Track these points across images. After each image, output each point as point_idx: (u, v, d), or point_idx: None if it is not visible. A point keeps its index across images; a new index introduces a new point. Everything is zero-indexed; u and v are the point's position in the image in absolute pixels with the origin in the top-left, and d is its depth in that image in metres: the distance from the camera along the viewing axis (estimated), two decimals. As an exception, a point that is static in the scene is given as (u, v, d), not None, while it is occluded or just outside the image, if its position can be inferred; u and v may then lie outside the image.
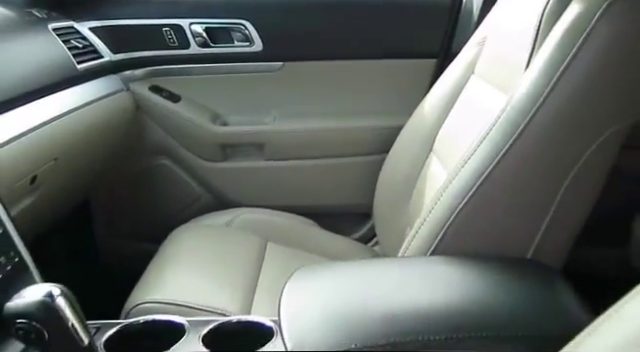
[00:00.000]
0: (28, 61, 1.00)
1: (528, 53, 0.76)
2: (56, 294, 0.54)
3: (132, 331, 0.70)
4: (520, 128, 0.68)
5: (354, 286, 0.63)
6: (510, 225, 0.71)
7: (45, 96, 0.99)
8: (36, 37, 1.06)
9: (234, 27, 1.32)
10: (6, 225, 0.70)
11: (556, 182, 0.69)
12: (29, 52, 1.02)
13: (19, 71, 0.95)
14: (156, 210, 1.40)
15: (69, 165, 1.04)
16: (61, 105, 1.03)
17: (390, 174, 1.20)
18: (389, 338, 0.53)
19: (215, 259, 1.07)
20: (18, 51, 0.99)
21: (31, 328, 0.53)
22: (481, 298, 0.58)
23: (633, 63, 0.65)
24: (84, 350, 0.55)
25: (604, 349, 0.40)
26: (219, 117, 1.38)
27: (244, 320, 0.73)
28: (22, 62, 0.98)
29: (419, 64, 1.30)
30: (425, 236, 0.73)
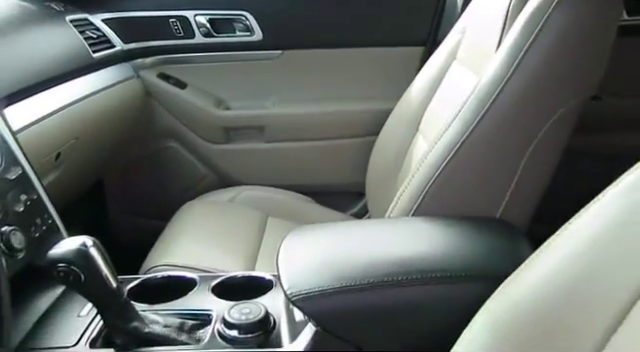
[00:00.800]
0: (49, 50, 1.09)
1: (497, 40, 0.86)
2: (89, 244, 0.64)
3: (151, 285, 0.80)
4: (487, 106, 0.77)
5: (341, 240, 0.73)
6: (479, 190, 0.80)
7: (65, 82, 1.08)
8: (55, 28, 1.16)
9: (236, 18, 1.40)
10: (40, 192, 0.80)
11: (519, 152, 0.78)
12: (50, 42, 1.11)
13: (42, 59, 1.04)
14: (165, 189, 1.49)
15: (88, 144, 1.13)
16: (79, 90, 1.12)
17: (380, 154, 1.28)
18: (368, 279, 0.62)
19: (220, 231, 1.17)
20: (40, 41, 1.08)
21: (70, 271, 0.62)
22: (446, 247, 0.68)
23: (583, 48, 0.74)
24: (113, 293, 0.65)
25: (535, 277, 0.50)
26: (222, 102, 1.46)
27: (247, 275, 0.83)
28: (44, 51, 1.07)
29: (408, 52, 1.39)
30: (406, 201, 0.82)
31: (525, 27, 0.76)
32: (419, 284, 0.62)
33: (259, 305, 0.69)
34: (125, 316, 0.66)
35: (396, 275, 0.62)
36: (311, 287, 0.63)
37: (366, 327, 0.63)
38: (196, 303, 0.74)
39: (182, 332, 0.69)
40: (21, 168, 0.78)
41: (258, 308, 0.68)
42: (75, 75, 1.12)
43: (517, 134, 0.78)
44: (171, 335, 0.68)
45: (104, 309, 0.66)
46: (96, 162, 1.31)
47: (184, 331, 0.69)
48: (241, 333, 0.66)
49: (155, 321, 0.69)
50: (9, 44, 0.98)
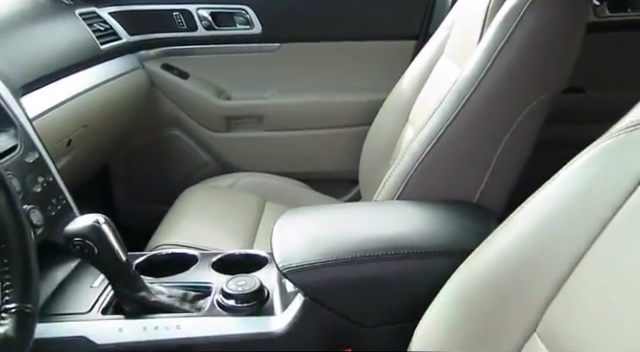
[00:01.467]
0: (60, 43, 1.14)
1: (478, 37, 0.91)
2: (102, 221, 0.70)
3: (156, 260, 0.87)
4: (465, 98, 0.83)
5: (329, 221, 0.80)
6: (458, 177, 0.87)
7: (75, 73, 1.14)
8: (65, 22, 1.21)
9: (236, 12, 1.46)
10: (55, 175, 0.87)
11: (495, 141, 0.84)
12: (61, 35, 1.17)
13: (53, 51, 1.10)
14: (168, 175, 1.55)
15: (96, 131, 1.20)
16: (88, 80, 1.18)
17: (372, 143, 1.34)
18: (352, 254, 0.69)
19: (220, 214, 1.23)
20: (52, 34, 1.14)
21: (85, 245, 0.69)
22: (422, 227, 0.74)
23: (552, 47, 0.80)
24: (122, 265, 0.72)
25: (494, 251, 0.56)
26: (223, 92, 1.52)
27: (244, 253, 0.90)
28: (56, 44, 1.13)
29: (400, 45, 1.44)
30: (391, 186, 0.89)
31: (500, 26, 0.82)
32: (397, 259, 0.69)
33: (254, 278, 0.76)
34: (133, 286, 0.73)
35: (377, 251, 0.69)
36: (301, 261, 0.69)
37: (350, 297, 0.70)
38: (197, 277, 0.81)
39: (185, 302, 0.76)
40: (38, 153, 0.84)
41: (253, 281, 0.75)
42: (84, 66, 1.18)
43: (493, 125, 0.84)
44: (175, 304, 0.75)
45: (114, 280, 0.73)
46: (103, 148, 1.37)
47: (186, 301, 0.76)
48: (238, 303, 0.73)
49: (160, 292, 0.76)
50: (23, 37, 1.03)
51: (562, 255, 0.49)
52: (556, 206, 0.51)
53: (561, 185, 0.52)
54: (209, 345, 0.71)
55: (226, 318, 0.72)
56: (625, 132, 0.49)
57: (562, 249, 0.49)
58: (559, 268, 0.49)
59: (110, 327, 0.71)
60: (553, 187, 0.53)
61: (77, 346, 0.70)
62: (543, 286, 0.50)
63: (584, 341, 0.44)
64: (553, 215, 0.51)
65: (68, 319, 0.72)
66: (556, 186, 0.53)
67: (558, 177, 0.53)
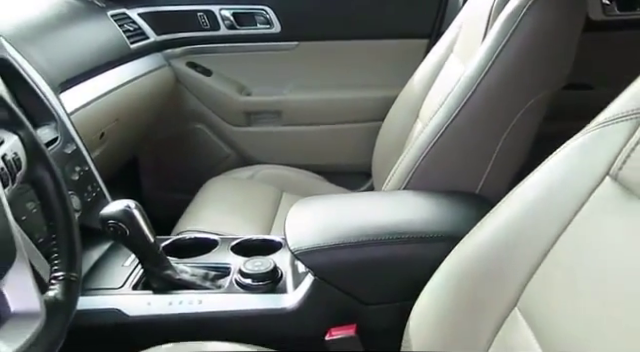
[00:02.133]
0: (94, 43, 1.22)
1: (482, 37, 0.96)
2: (133, 206, 0.78)
3: (180, 244, 0.94)
4: (468, 95, 0.88)
5: (338, 208, 0.86)
6: (461, 169, 0.92)
7: (107, 71, 1.22)
8: (99, 23, 1.29)
9: (257, 12, 1.52)
10: (90, 164, 0.95)
11: (496, 135, 0.89)
12: (94, 35, 1.25)
13: (88, 51, 1.18)
14: (192, 166, 1.63)
15: (126, 125, 1.28)
16: (119, 77, 1.26)
17: (384, 137, 1.39)
18: (358, 238, 0.75)
19: (240, 203, 1.30)
20: (86, 35, 1.22)
21: (118, 227, 0.76)
22: (424, 214, 0.80)
23: (550, 47, 0.84)
24: (151, 246, 0.79)
25: (482, 236, 0.61)
26: (244, 88, 1.59)
27: (261, 238, 0.96)
28: (90, 44, 1.21)
29: (413, 44, 1.48)
30: (398, 177, 0.94)
31: (502, 27, 0.86)
32: (399, 243, 0.75)
33: (269, 260, 0.83)
34: (160, 265, 0.81)
35: (381, 235, 0.75)
36: (311, 244, 0.76)
37: (355, 277, 0.76)
38: (217, 258, 0.88)
39: (206, 280, 0.83)
40: (75, 144, 0.92)
41: (268, 262, 0.82)
42: (115, 64, 1.26)
43: (494, 121, 0.89)
44: (197, 282, 0.82)
45: (144, 259, 0.80)
46: (132, 141, 1.45)
47: (208, 279, 0.83)
48: (254, 281, 0.80)
49: (184, 271, 0.83)
50: (61, 38, 1.12)
51: (539, 239, 0.54)
52: (536, 195, 0.57)
53: (542, 176, 0.57)
54: (227, 319, 0.78)
55: (243, 295, 0.79)
56: (600, 127, 0.53)
57: (539, 233, 0.54)
58: (536, 250, 0.54)
59: (140, 301, 0.79)
60: (535, 178, 0.58)
61: (111, 317, 0.77)
62: (523, 266, 0.55)
63: (556, 315, 0.49)
64: (533, 203, 0.56)
65: (103, 293, 0.80)
66: (538, 177, 0.58)
67: (541, 168, 0.58)
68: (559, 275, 0.51)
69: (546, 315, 0.51)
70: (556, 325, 0.49)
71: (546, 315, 0.51)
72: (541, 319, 0.51)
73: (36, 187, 0.57)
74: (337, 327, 0.74)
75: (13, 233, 0.48)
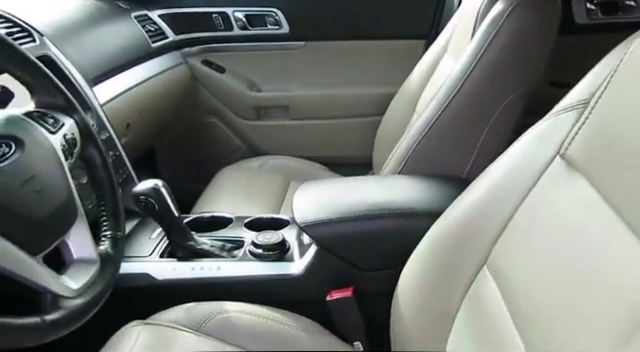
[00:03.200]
0: (121, 42, 1.34)
1: (470, 37, 1.06)
2: (160, 184, 0.89)
3: (200, 221, 1.05)
4: (456, 89, 0.98)
5: (339, 189, 0.97)
6: (449, 156, 1.02)
7: (132, 67, 1.33)
8: (124, 24, 1.41)
9: (267, 14, 1.63)
10: (120, 150, 1.06)
11: (481, 126, 0.99)
12: (120, 35, 1.36)
13: (115, 49, 1.29)
14: (205, 157, 1.73)
15: (148, 117, 1.39)
16: (142, 74, 1.37)
17: (384, 131, 1.50)
18: (355, 213, 0.86)
19: (251, 190, 1.40)
20: (113, 34, 1.33)
21: (148, 202, 0.87)
22: (414, 194, 0.90)
23: (527, 48, 0.94)
24: (176, 219, 0.90)
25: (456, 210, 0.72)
26: (255, 85, 1.70)
27: (271, 217, 1.07)
28: (117, 43, 1.32)
29: (411, 44, 1.59)
30: (394, 163, 1.05)
31: (486, 30, 0.96)
32: (391, 217, 0.85)
33: (279, 234, 0.94)
34: (184, 237, 0.92)
35: (376, 211, 0.86)
36: (315, 218, 0.87)
37: (353, 247, 0.86)
38: (233, 233, 0.99)
39: (223, 250, 0.94)
40: (108, 132, 1.04)
41: (278, 235, 0.93)
42: (139, 62, 1.37)
43: (478, 113, 0.99)
44: (215, 252, 0.93)
45: (169, 231, 0.92)
46: (153, 132, 1.57)
47: (224, 250, 0.94)
48: (265, 251, 0.91)
49: (204, 242, 0.94)
50: (92, 37, 1.23)
51: (504, 208, 0.64)
52: (503, 173, 0.67)
53: (508, 157, 0.68)
54: (241, 283, 0.89)
55: (255, 263, 0.90)
56: (554, 116, 0.64)
57: (504, 204, 0.64)
58: (501, 218, 0.64)
59: (166, 267, 0.90)
60: (503, 158, 0.69)
61: (142, 279, 0.89)
62: (491, 231, 0.65)
63: (515, 269, 0.60)
64: (500, 180, 0.67)
65: (135, 260, 0.91)
66: (505, 157, 0.69)
67: (508, 151, 0.69)
68: (518, 237, 0.62)
69: (508, 270, 0.62)
70: (515, 278, 0.60)
71: (508, 270, 0.62)
72: (504, 274, 0.62)
73: (87, 163, 0.69)
74: (336, 290, 0.85)
75: (75, 197, 0.60)
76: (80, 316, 0.54)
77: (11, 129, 0.56)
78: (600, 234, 0.49)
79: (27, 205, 0.52)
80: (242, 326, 0.80)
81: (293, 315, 0.84)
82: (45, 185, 0.55)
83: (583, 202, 0.53)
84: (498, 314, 0.60)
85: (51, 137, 0.61)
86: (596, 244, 0.49)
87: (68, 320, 0.52)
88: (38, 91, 0.65)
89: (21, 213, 0.51)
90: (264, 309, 0.83)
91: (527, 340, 0.53)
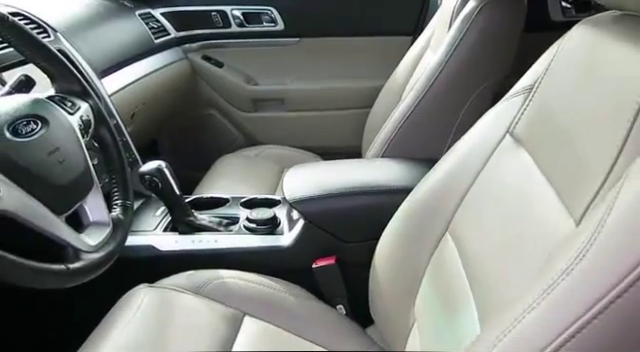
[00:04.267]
0: (126, 38, 1.43)
1: (446, 32, 1.15)
2: (163, 165, 0.98)
3: (199, 201, 1.14)
4: (432, 79, 1.08)
5: (325, 170, 1.06)
6: (427, 140, 1.10)
7: (136, 61, 1.42)
8: (129, 21, 1.50)
9: (263, 12, 1.72)
10: (127, 136, 1.15)
11: (455, 113, 1.08)
12: (125, 31, 1.45)
13: (121, 45, 1.38)
14: (205, 146, 1.81)
15: (151, 108, 1.48)
16: (145, 68, 1.46)
17: (372, 121, 1.58)
18: (340, 190, 0.95)
19: (247, 176, 1.49)
20: (119, 31, 1.42)
21: (152, 180, 0.96)
22: (392, 174, 1.00)
23: (495, 44, 1.03)
24: (178, 197, 0.99)
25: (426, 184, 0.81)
26: (252, 79, 1.79)
27: (264, 197, 1.16)
28: (122, 38, 1.41)
29: (398, 40, 1.67)
30: (377, 146, 1.14)
31: (458, 26, 1.06)
32: (370, 194, 0.95)
33: (271, 211, 1.03)
34: (185, 213, 1.01)
35: (357, 188, 0.95)
36: (303, 195, 0.96)
37: (337, 221, 0.96)
38: (229, 211, 1.09)
39: (220, 225, 1.03)
40: (115, 119, 1.13)
41: (269, 212, 1.02)
42: (143, 56, 1.46)
43: (453, 101, 1.08)
44: (213, 226, 1.02)
45: (172, 207, 1.01)
46: (155, 122, 1.65)
47: (221, 225, 1.03)
48: (258, 226, 1.00)
49: (203, 219, 1.03)
50: (100, 34, 1.32)
51: (464, 180, 0.74)
52: (464, 150, 0.76)
53: (468, 138, 0.77)
54: (237, 254, 0.98)
55: (249, 236, 0.99)
56: (506, 100, 0.73)
57: (463, 177, 0.74)
58: (461, 188, 0.74)
59: (169, 239, 0.99)
60: (464, 139, 0.78)
61: (147, 251, 0.98)
62: (452, 201, 0.75)
63: (470, 233, 0.69)
64: (461, 156, 0.76)
65: (141, 234, 1.00)
66: (467, 136, 0.78)
67: (470, 131, 0.78)
68: (474, 204, 0.71)
69: (464, 233, 0.71)
70: (469, 237, 0.69)
71: (464, 233, 0.71)
72: (461, 236, 0.71)
73: (100, 141, 0.78)
74: (321, 258, 0.94)
75: (91, 169, 0.69)
76: (96, 268, 0.64)
77: (37, 110, 0.65)
78: (533, 195, 0.58)
79: (52, 173, 0.61)
80: (237, 290, 0.89)
81: (283, 282, 0.93)
82: (66, 157, 0.64)
83: (523, 171, 0.62)
84: (455, 271, 0.69)
85: (70, 117, 0.70)
86: (529, 203, 0.58)
87: (86, 270, 0.61)
88: (58, 79, 0.74)
89: (48, 179, 0.61)
90: (257, 276, 0.92)
91: (474, 287, 0.62)
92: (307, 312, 0.90)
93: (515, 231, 0.57)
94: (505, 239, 0.59)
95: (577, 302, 0.38)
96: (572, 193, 0.49)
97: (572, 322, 0.37)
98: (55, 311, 0.97)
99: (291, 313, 0.88)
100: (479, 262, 0.64)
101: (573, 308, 0.38)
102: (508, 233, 0.58)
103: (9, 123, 0.60)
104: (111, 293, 0.84)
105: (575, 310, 0.38)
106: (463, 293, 0.65)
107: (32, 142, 0.61)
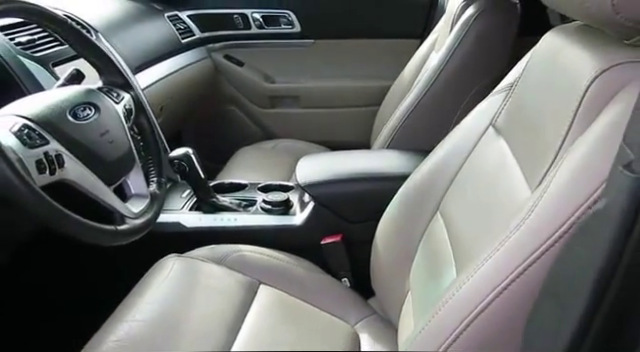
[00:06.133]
0: (156, 38, 1.54)
1: (447, 36, 1.25)
2: (190, 151, 1.10)
3: (220, 186, 1.25)
4: (434, 78, 1.18)
5: (334, 159, 1.17)
6: (429, 133, 1.18)
7: (165, 59, 1.54)
8: (158, 22, 1.62)
9: (281, 15, 1.83)
10: (157, 127, 1.27)
11: (454, 109, 1.17)
12: (155, 32, 1.57)
13: (151, 44, 1.50)
14: (225, 139, 1.92)
15: (177, 103, 1.59)
16: (173, 65, 1.57)
17: (380, 118, 1.67)
18: (347, 176, 1.06)
19: (264, 166, 1.60)
20: (150, 32, 1.54)
21: (180, 165, 1.08)
22: (394, 163, 1.10)
23: (490, 47, 1.13)
24: (202, 180, 1.11)
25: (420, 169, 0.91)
26: (269, 77, 1.89)
27: (278, 183, 1.27)
28: (152, 38, 1.53)
29: (407, 43, 1.77)
30: (383, 138, 1.25)
31: (458, 31, 1.16)
32: (374, 180, 1.05)
33: (284, 194, 1.14)
34: (209, 195, 1.13)
35: (362, 175, 1.06)
36: (314, 180, 1.07)
37: (344, 203, 1.06)
38: (248, 194, 1.20)
39: (239, 207, 1.14)
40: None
41: (284, 195, 1.13)
42: (171, 55, 1.58)
43: (452, 98, 1.18)
44: (233, 207, 1.13)
45: (197, 189, 1.12)
46: (181, 116, 1.78)
47: (241, 206, 1.15)
48: (273, 207, 1.11)
49: (224, 200, 1.15)
50: (133, 34, 1.44)
51: (453, 166, 0.83)
52: (455, 139, 0.86)
53: (458, 129, 0.87)
54: (254, 231, 1.09)
55: (265, 216, 1.10)
56: (491, 96, 0.83)
57: (453, 163, 0.83)
58: (451, 172, 0.83)
59: (194, 217, 1.11)
60: (455, 130, 0.88)
61: (175, 227, 1.09)
62: (442, 185, 0.84)
63: (455, 211, 0.79)
64: (452, 144, 0.86)
65: (170, 212, 1.12)
66: (456, 130, 0.88)
67: (460, 123, 0.88)
68: (460, 186, 0.81)
69: (451, 211, 0.81)
70: (454, 214, 0.79)
71: (451, 211, 0.81)
72: (449, 213, 0.82)
73: (139, 127, 0.89)
74: (328, 236, 1.05)
75: (133, 149, 0.80)
76: (138, 231, 0.75)
77: (91, 98, 0.77)
78: (504, 174, 0.68)
79: (104, 151, 0.73)
80: (254, 263, 1.00)
81: (294, 256, 1.04)
82: (114, 138, 0.76)
83: (499, 155, 0.72)
84: (442, 243, 0.79)
85: (116, 106, 0.82)
86: (500, 179, 0.68)
87: (130, 232, 0.73)
88: (104, 72, 0.86)
89: (100, 156, 0.72)
90: (271, 251, 1.03)
91: (455, 253, 0.72)
92: (315, 283, 1.01)
93: (487, 202, 0.67)
94: (479, 209, 0.69)
95: (524, 248, 0.48)
96: (531, 170, 0.59)
97: (520, 263, 0.48)
98: (100, 274, 1.09)
99: (301, 284, 0.99)
100: (460, 231, 0.75)
101: (521, 253, 0.48)
102: (482, 204, 0.69)
103: (70, 108, 0.72)
104: (145, 261, 0.96)
105: (523, 254, 0.48)
106: (447, 260, 0.75)
107: (88, 124, 0.72)
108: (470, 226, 0.71)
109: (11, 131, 0.61)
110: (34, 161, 0.62)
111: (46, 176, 0.63)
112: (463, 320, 0.50)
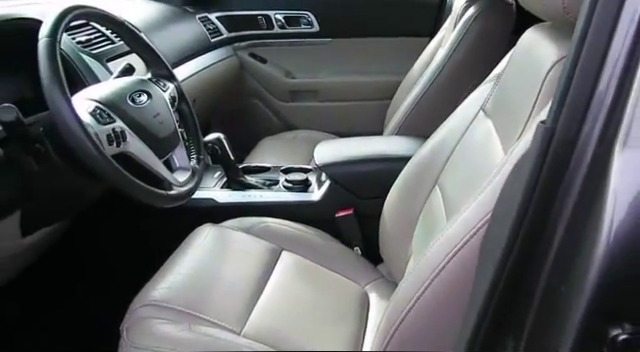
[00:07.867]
0: (188, 37, 1.69)
1: (450, 34, 1.37)
2: (222, 136, 1.24)
3: (247, 168, 1.39)
4: (439, 70, 1.30)
5: (348, 143, 1.30)
6: (434, 121, 1.29)
7: (197, 57, 1.68)
8: (190, 23, 1.77)
9: (301, 16, 1.96)
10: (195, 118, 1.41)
11: (456, 100, 1.27)
12: (188, 32, 1.72)
13: (185, 43, 1.65)
14: (249, 130, 2.06)
15: (206, 96, 1.74)
16: (204, 62, 1.72)
17: (392, 111, 1.80)
18: (360, 158, 1.19)
19: (285, 153, 1.73)
20: (183, 32, 1.69)
21: (213, 148, 1.22)
22: (402, 146, 1.23)
23: (489, 43, 1.24)
24: (232, 161, 1.25)
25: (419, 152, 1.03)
26: (290, 73, 2.03)
27: (298, 166, 1.40)
28: (186, 37, 1.67)
29: (417, 41, 1.88)
30: (392, 126, 1.38)
31: (460, 29, 1.27)
32: (382, 161, 1.18)
33: (304, 175, 1.27)
34: (237, 174, 1.27)
35: (372, 156, 1.19)
36: (330, 160, 1.20)
37: (357, 181, 1.19)
38: (271, 175, 1.34)
39: (264, 185, 1.28)
40: (185, 102, 1.39)
41: (303, 175, 1.27)
42: (201, 53, 1.73)
43: (454, 90, 1.29)
44: (259, 185, 1.28)
45: (227, 169, 1.27)
46: (210, 108, 1.92)
47: (265, 185, 1.29)
48: (294, 185, 1.25)
49: (251, 180, 1.29)
50: (170, 33, 1.59)
51: (449, 145, 0.96)
52: (452, 122, 0.99)
53: (454, 115, 0.99)
54: (277, 206, 1.23)
55: (287, 193, 1.24)
56: (483, 85, 0.95)
57: (449, 144, 0.96)
58: (447, 153, 0.95)
59: (225, 194, 1.25)
60: (452, 115, 1.00)
61: (209, 202, 1.24)
62: (440, 163, 0.97)
63: (449, 181, 0.91)
64: (450, 127, 0.98)
65: (204, 190, 1.26)
66: (453, 115, 1.00)
67: (455, 110, 1.00)
68: (455, 162, 0.93)
69: (446, 181, 0.93)
70: (449, 185, 0.91)
71: (446, 181, 0.93)
72: (444, 184, 0.94)
73: (181, 114, 1.04)
74: (342, 210, 1.18)
75: (177, 130, 0.95)
76: (183, 197, 0.90)
77: (144, 86, 0.91)
78: (488, 147, 0.80)
79: (156, 129, 0.87)
80: (277, 232, 1.14)
81: (312, 228, 1.17)
82: (164, 120, 0.90)
83: (486, 133, 0.85)
84: (438, 212, 0.91)
85: (163, 93, 0.96)
86: (485, 151, 0.80)
87: (177, 197, 0.88)
88: (152, 66, 1.01)
89: (154, 133, 0.87)
90: (292, 223, 1.16)
91: (448, 217, 0.85)
92: (330, 251, 1.14)
93: (474, 170, 0.80)
94: (468, 178, 0.81)
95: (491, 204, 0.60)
96: (507, 141, 0.71)
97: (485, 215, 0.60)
98: (149, 239, 1.24)
99: (318, 251, 1.12)
100: (452, 198, 0.87)
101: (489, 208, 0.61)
102: (469, 173, 0.81)
103: (129, 94, 0.87)
104: (185, 229, 1.10)
105: (488, 209, 0.60)
106: (441, 225, 0.87)
107: (144, 108, 0.87)
108: (460, 193, 0.84)
109: (87, 111, 0.76)
110: (105, 135, 0.76)
111: (113, 148, 0.78)
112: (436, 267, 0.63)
